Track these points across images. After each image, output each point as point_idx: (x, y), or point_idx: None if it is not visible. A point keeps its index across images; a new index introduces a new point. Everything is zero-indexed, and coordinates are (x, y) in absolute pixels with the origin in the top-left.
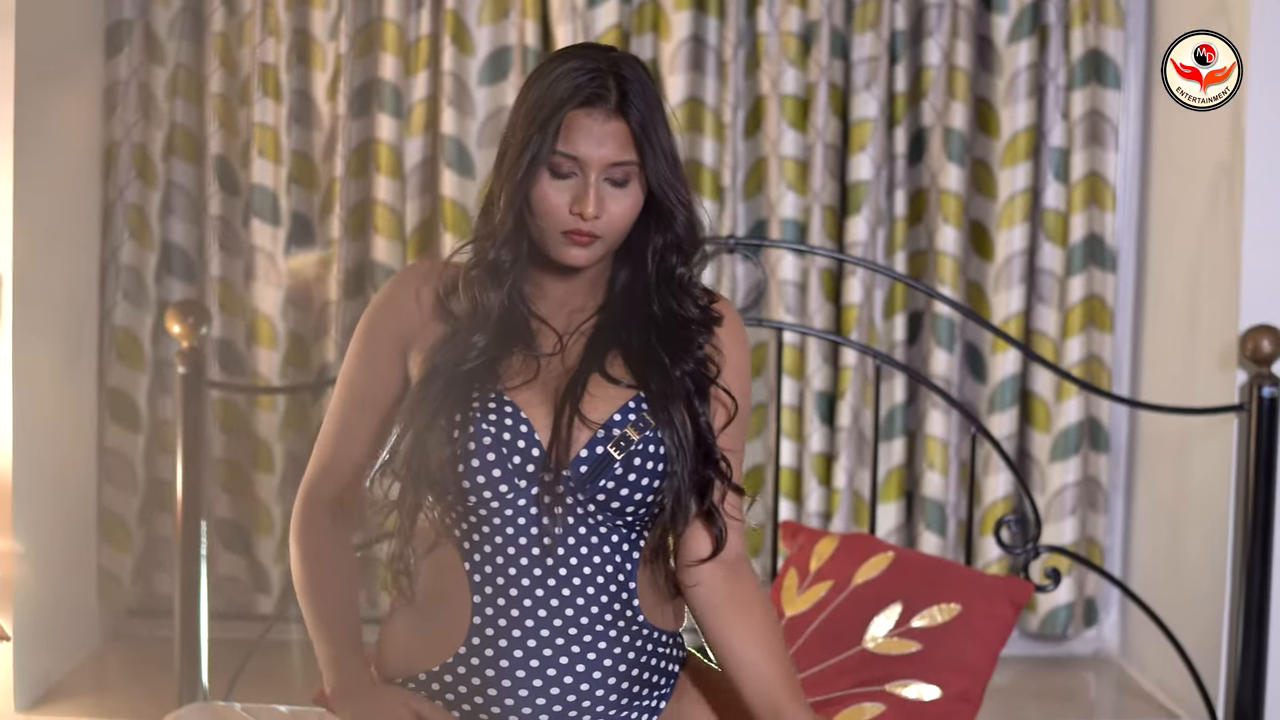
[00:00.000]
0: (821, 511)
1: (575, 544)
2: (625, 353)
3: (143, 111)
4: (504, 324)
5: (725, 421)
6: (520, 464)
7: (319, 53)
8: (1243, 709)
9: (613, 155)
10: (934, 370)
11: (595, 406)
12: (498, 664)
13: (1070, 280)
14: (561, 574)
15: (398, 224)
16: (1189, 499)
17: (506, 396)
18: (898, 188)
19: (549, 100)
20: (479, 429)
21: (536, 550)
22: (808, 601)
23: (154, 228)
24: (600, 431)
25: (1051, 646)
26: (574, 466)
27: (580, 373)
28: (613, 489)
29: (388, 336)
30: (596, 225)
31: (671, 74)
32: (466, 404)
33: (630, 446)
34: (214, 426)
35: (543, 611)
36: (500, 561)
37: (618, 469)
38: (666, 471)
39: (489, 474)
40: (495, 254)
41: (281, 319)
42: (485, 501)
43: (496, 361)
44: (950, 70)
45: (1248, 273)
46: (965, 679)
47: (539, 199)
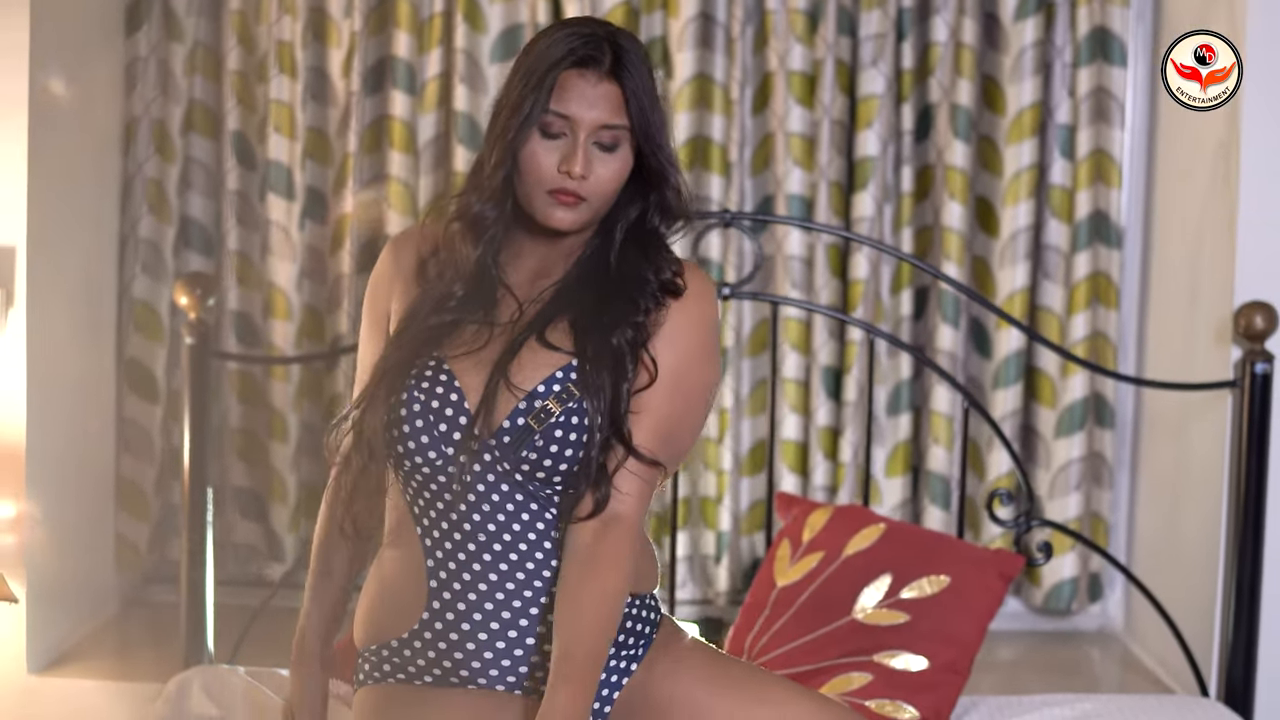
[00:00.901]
0: (827, 485)
1: (514, 509)
2: (573, 318)
3: (162, 88)
4: (472, 289)
5: (645, 384)
6: (447, 431)
7: (334, 30)
8: (1233, 685)
9: (604, 117)
10: (939, 346)
11: (523, 375)
12: (459, 628)
13: (1076, 256)
14: (505, 539)
15: (410, 198)
16: (1188, 475)
17: (446, 365)
18: (904, 164)
19: (544, 61)
20: (411, 395)
21: (476, 516)
22: (799, 572)
23: (172, 202)
24: (523, 402)
25: (1057, 621)
26: (498, 436)
27: (517, 339)
28: (535, 459)
29: (375, 309)
30: (583, 186)
31: (680, 50)
32: (407, 371)
33: (550, 419)
34: (230, 397)
35: (493, 575)
36: (445, 527)
37: (538, 440)
38: (586, 441)
39: (418, 440)
40: (479, 208)
41: (296, 292)
42: (418, 466)
43: (452, 329)
44: (957, 47)
45: (1243, 250)
46: (953, 650)
47: (528, 157)
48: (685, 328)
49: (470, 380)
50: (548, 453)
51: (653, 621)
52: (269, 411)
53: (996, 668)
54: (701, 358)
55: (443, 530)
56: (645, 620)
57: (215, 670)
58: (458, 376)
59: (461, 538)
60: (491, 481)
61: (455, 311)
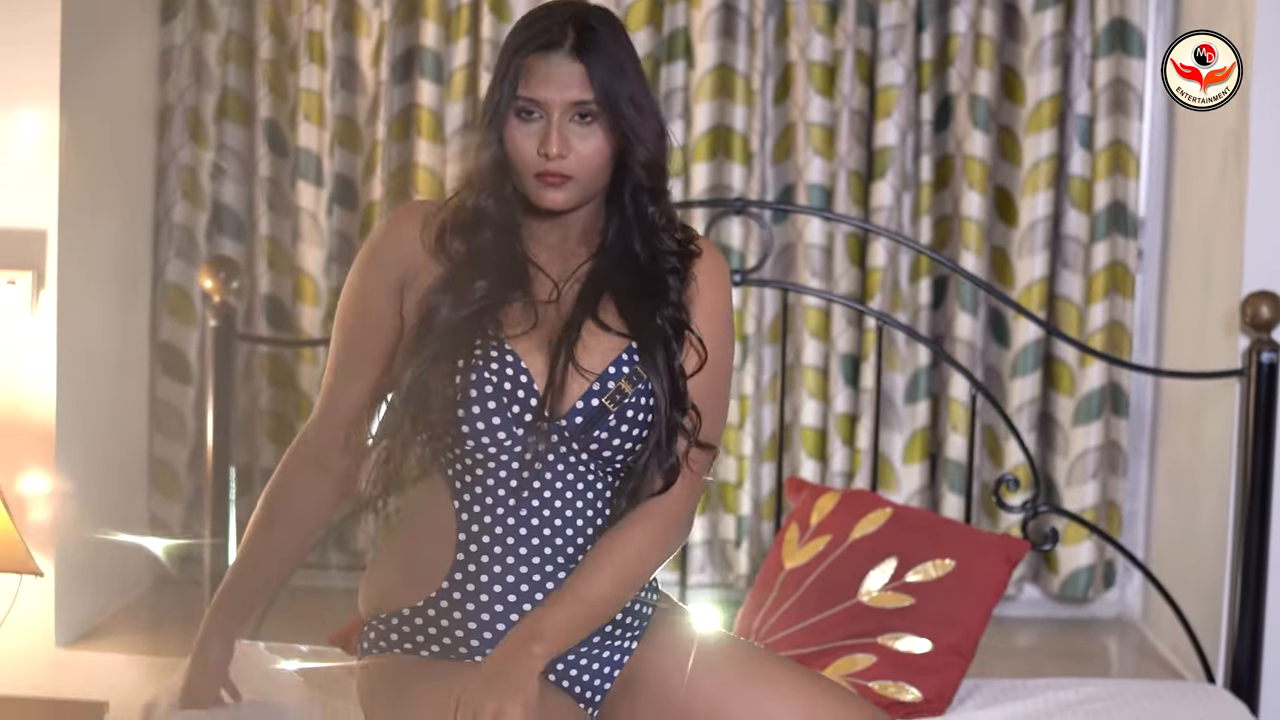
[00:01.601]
0: (845, 471)
1: (562, 488)
2: (617, 299)
3: (195, 76)
4: (503, 269)
5: (696, 367)
6: (519, 413)
7: (363, 20)
8: (1239, 672)
9: (574, 95)
10: (958, 335)
11: (590, 357)
12: (478, 599)
13: (1094, 246)
14: (545, 515)
15: (438, 186)
16: (1200, 464)
17: (508, 345)
18: (923, 154)
19: (509, 49)
20: (480, 376)
21: (525, 493)
22: (806, 555)
23: (205, 188)
24: (596, 384)
25: (1074, 609)
26: (569, 417)
27: (574, 320)
28: (605, 439)
29: (387, 273)
30: (565, 165)
31: (702, 41)
32: (469, 349)
33: (624, 399)
34: (261, 380)
35: (524, 550)
36: (489, 502)
37: (611, 420)
38: (653, 421)
39: (489, 421)
40: (475, 200)
41: (324, 277)
42: (483, 446)
43: (498, 307)
44: (976, 38)
45: (1251, 239)
46: (957, 633)
47: (509, 142)
48: (715, 302)
49: (534, 362)
50: (618, 432)
51: (652, 603)
52: (297, 394)
53: (1014, 654)
54: (730, 334)
55: (485, 505)
56: (646, 602)
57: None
58: (523, 357)
59: (505, 512)
60: (550, 461)
61: (494, 291)
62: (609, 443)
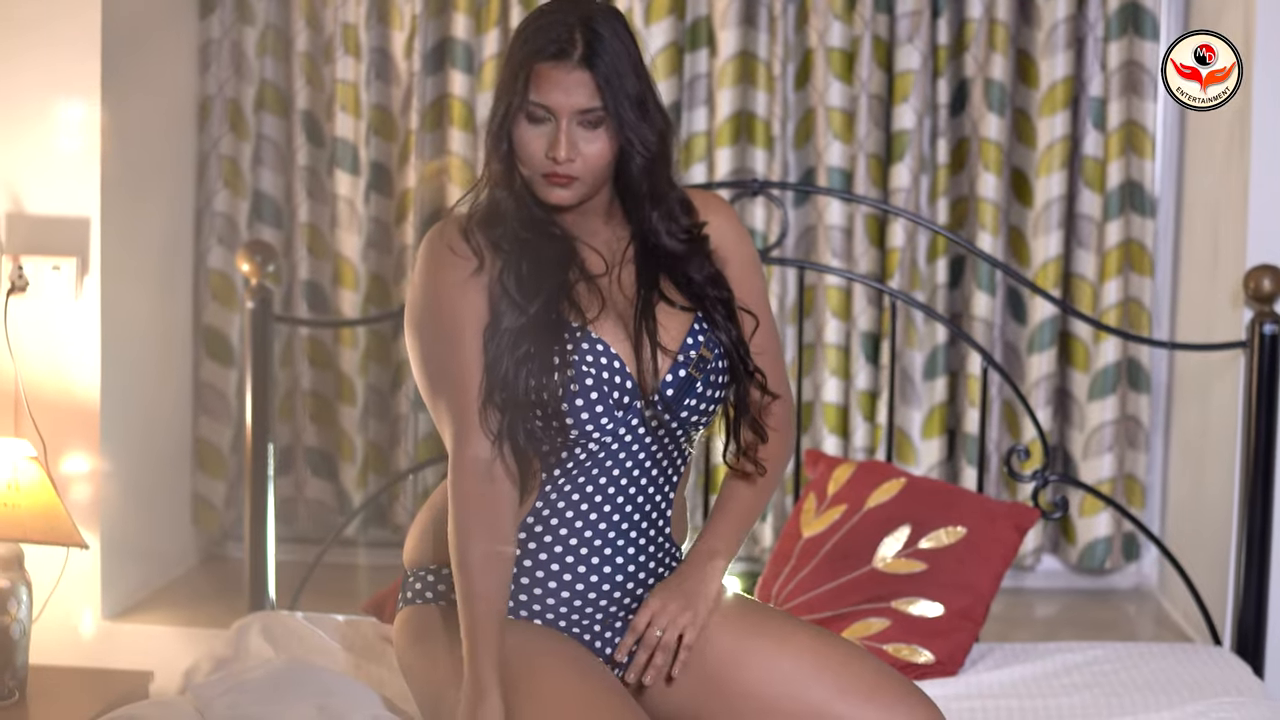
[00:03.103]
0: (866, 446)
1: (644, 459)
2: (670, 275)
3: (234, 68)
4: (557, 252)
5: (753, 327)
6: (618, 398)
7: (396, 13)
8: (1245, 636)
9: (581, 103)
10: (975, 313)
11: (667, 333)
12: (548, 566)
13: (1108, 225)
14: (624, 484)
15: (470, 173)
16: (1210, 435)
17: (594, 333)
18: (940, 137)
19: (520, 53)
20: (579, 370)
21: (610, 463)
22: (824, 523)
23: (246, 177)
24: (680, 355)
25: (1095, 580)
26: (660, 392)
27: (645, 300)
28: (694, 406)
29: (474, 278)
30: (572, 167)
31: (724, 29)
32: (562, 344)
33: (706, 365)
34: (302, 362)
35: (594, 516)
36: (575, 472)
37: (698, 388)
38: (729, 382)
39: (592, 410)
40: (490, 195)
41: (362, 262)
42: (586, 434)
43: (565, 291)
44: (991, 23)
45: (1254, 215)
46: (968, 598)
47: (518, 144)
48: (745, 255)
49: (619, 345)
50: (704, 398)
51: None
52: (337, 375)
53: (1033, 624)
54: (756, 264)
55: (570, 475)
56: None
57: (275, 615)
58: (611, 344)
59: (586, 480)
60: (641, 434)
61: (559, 276)
62: (696, 408)
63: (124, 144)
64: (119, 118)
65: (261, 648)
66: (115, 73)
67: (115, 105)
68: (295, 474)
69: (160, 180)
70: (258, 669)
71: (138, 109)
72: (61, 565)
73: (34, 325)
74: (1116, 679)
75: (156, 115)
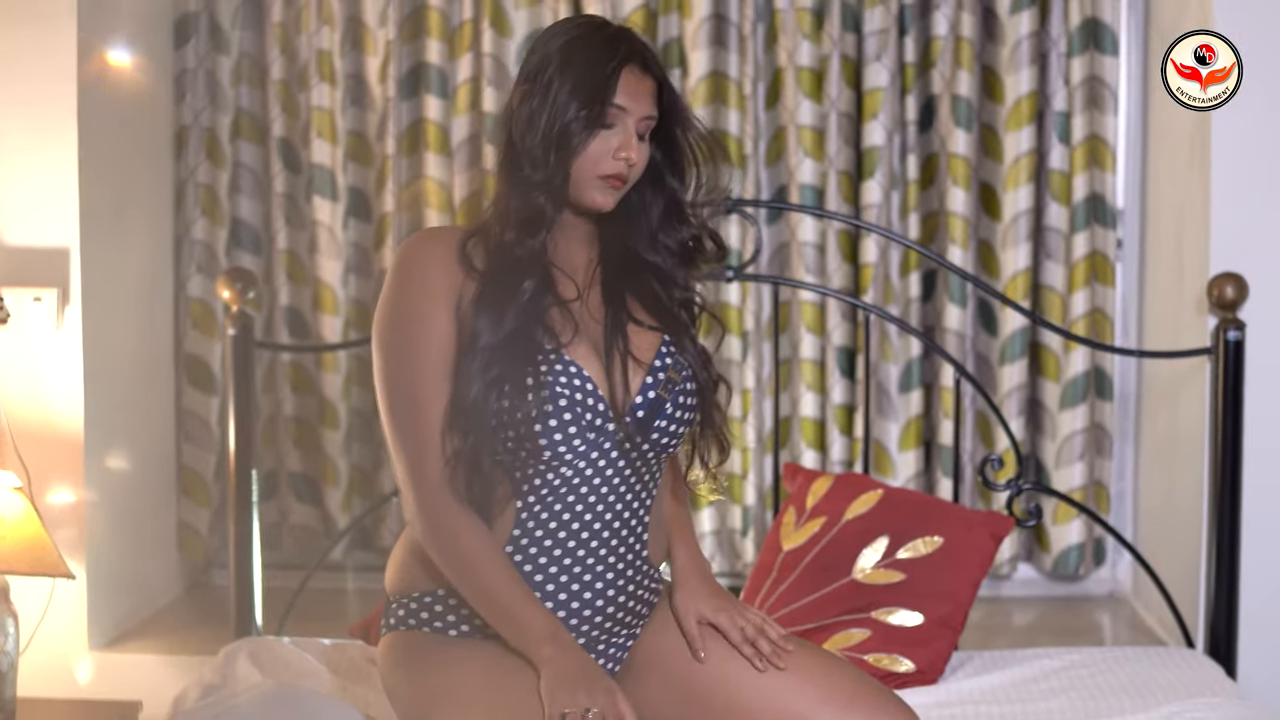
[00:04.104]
0: (844, 460)
1: (618, 483)
2: (638, 295)
3: (210, 97)
4: (535, 276)
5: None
6: (591, 420)
7: (370, 39)
8: (1217, 638)
9: (648, 109)
10: (947, 325)
11: (638, 354)
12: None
13: (1074, 237)
14: (599, 509)
15: (447, 197)
16: (1178, 441)
17: (566, 355)
18: (909, 153)
19: (601, 58)
20: (553, 392)
21: (584, 489)
22: (803, 536)
23: (223, 205)
24: (649, 377)
25: (1069, 586)
26: (631, 413)
27: (614, 323)
28: (663, 427)
29: (443, 295)
30: (631, 171)
31: (695, 49)
32: (535, 366)
33: (674, 387)
34: (284, 388)
35: (572, 544)
36: (550, 499)
37: (668, 409)
38: (698, 401)
39: (565, 432)
40: (538, 202)
41: (342, 287)
42: (559, 455)
43: (540, 314)
44: (957, 40)
45: (1216, 224)
46: (947, 606)
47: (588, 146)
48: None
49: (591, 367)
50: (673, 419)
51: (658, 591)
52: (320, 400)
53: (1010, 632)
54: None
55: (544, 500)
56: (654, 591)
57: (262, 640)
58: (584, 367)
59: (562, 508)
60: (614, 458)
61: (534, 301)
62: (666, 429)
63: (102, 174)
64: (96, 148)
65: (249, 673)
66: (92, 103)
67: (92, 136)
68: (280, 499)
69: (138, 210)
70: (245, 694)
71: (115, 139)
72: (48, 597)
73: (16, 357)
74: (1093, 683)
75: (133, 145)
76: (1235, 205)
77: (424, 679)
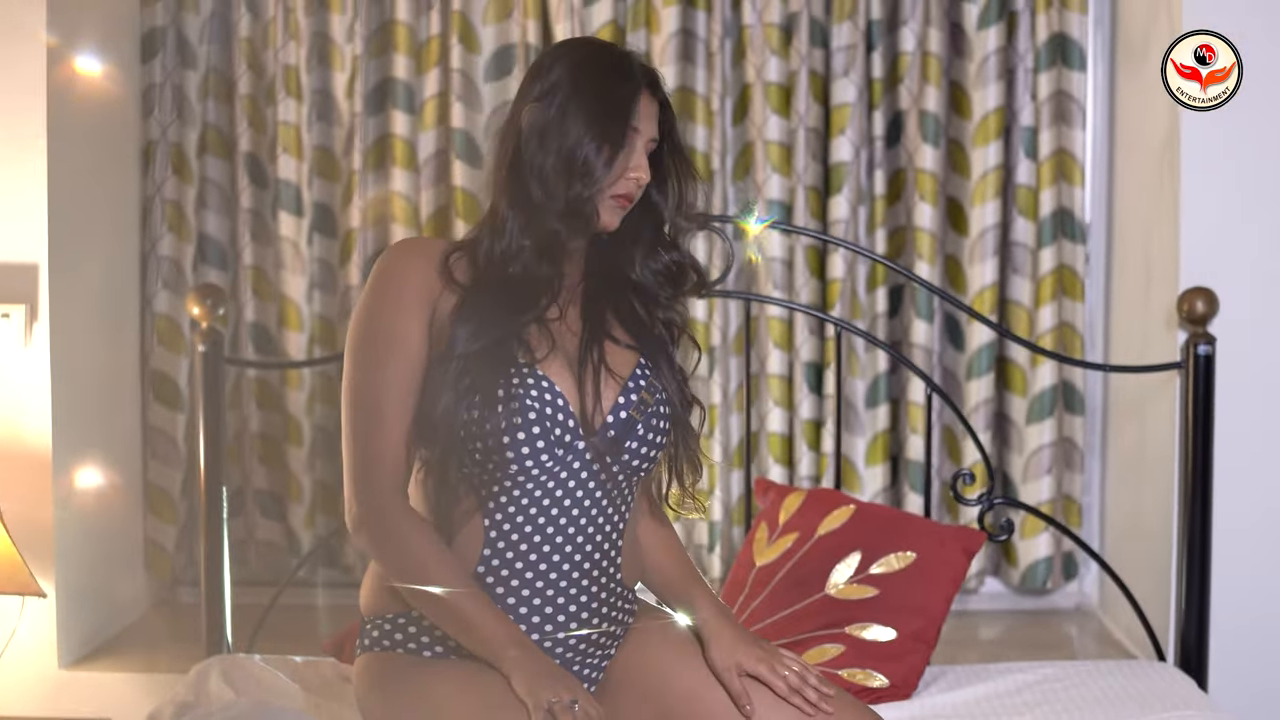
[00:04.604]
0: (811, 475)
1: (589, 505)
2: (618, 315)
3: (177, 112)
4: (520, 292)
5: (696, 363)
6: (559, 436)
7: (337, 54)
8: (1188, 652)
9: (654, 130)
10: (914, 340)
11: (612, 374)
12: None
13: (1041, 252)
14: (570, 533)
15: (413, 212)
16: (1147, 455)
17: (540, 370)
18: (877, 168)
19: (619, 79)
20: (523, 405)
21: (555, 510)
22: (776, 551)
23: (190, 220)
24: (620, 398)
25: (1036, 600)
26: (601, 433)
27: (591, 341)
28: (634, 449)
29: (418, 307)
30: (638, 191)
31: (663, 65)
32: (508, 380)
33: (647, 409)
34: (250, 404)
35: (544, 566)
36: (519, 519)
37: (639, 430)
38: (670, 427)
39: (533, 446)
40: (553, 224)
41: (307, 303)
42: (526, 470)
43: (522, 331)
44: (924, 56)
45: (1186, 239)
46: (920, 621)
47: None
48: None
49: (564, 384)
50: (645, 440)
51: (633, 611)
52: (285, 417)
53: (978, 645)
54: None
55: (515, 521)
56: (628, 611)
57: (233, 658)
58: (556, 382)
59: (533, 530)
60: (583, 479)
61: (515, 316)
62: (638, 451)
63: (70, 190)
64: (65, 164)
65: (222, 691)
66: (61, 118)
67: (61, 151)
68: (245, 516)
69: (106, 225)
70: (220, 712)
71: (83, 154)
72: (17, 615)
73: None
74: (1066, 696)
75: (100, 161)
76: (1205, 220)
77: (400, 700)
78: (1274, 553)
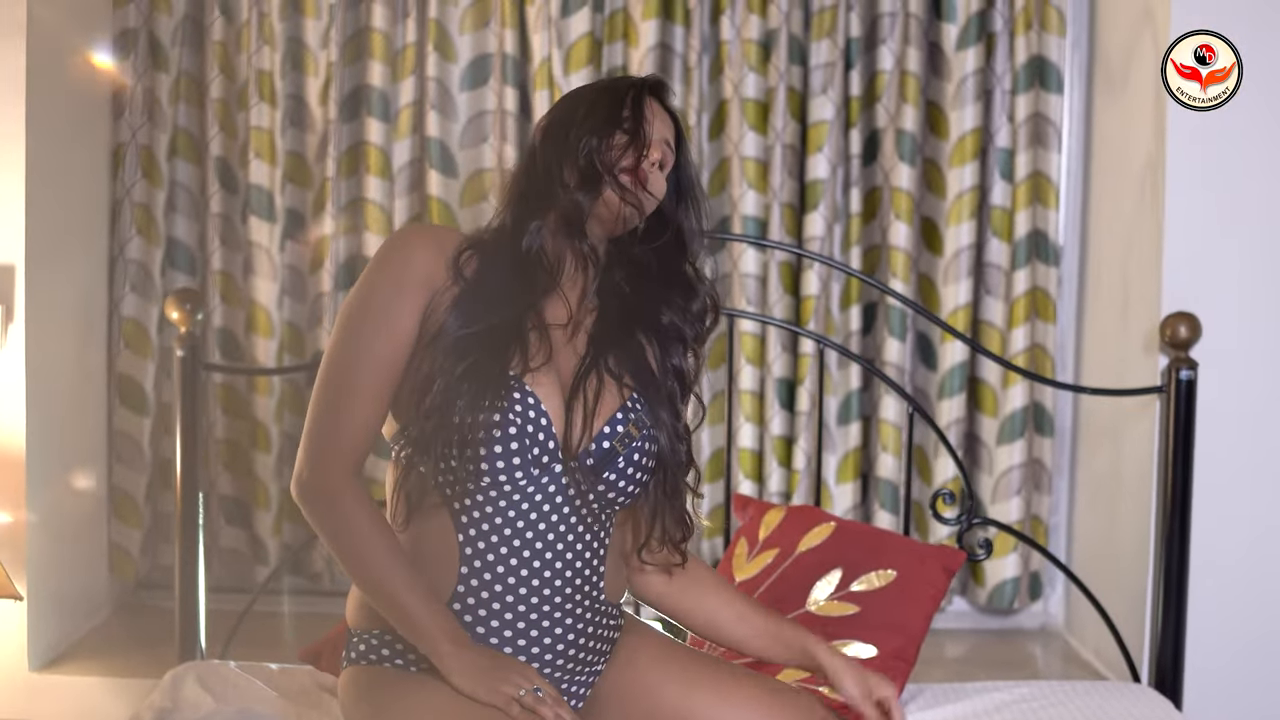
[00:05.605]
0: (782, 491)
1: (565, 530)
2: (624, 350)
3: (148, 115)
4: (527, 294)
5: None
6: (537, 454)
7: (311, 60)
8: (1163, 673)
9: (667, 132)
10: (887, 359)
11: (601, 404)
12: (474, 630)
13: (1015, 273)
14: (547, 557)
15: (386, 221)
16: (1123, 478)
17: (528, 385)
18: (853, 186)
19: (625, 83)
20: (505, 418)
21: (530, 533)
22: (756, 568)
23: (159, 224)
24: (606, 427)
25: (1001, 620)
26: (580, 459)
27: (587, 369)
28: (611, 480)
29: (416, 292)
30: (649, 200)
31: None
32: (495, 389)
33: (630, 444)
34: (216, 410)
35: (523, 590)
36: (495, 540)
37: (619, 463)
38: (655, 468)
39: (509, 460)
40: (570, 200)
41: (277, 309)
42: (498, 484)
43: (516, 334)
44: (902, 75)
45: (1169, 263)
46: (900, 639)
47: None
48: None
49: (551, 403)
50: (624, 475)
51: (619, 626)
52: (252, 423)
53: (944, 664)
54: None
55: (490, 541)
56: (614, 628)
57: (209, 664)
58: (542, 400)
59: (509, 552)
60: (558, 503)
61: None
62: (614, 484)
63: (46, 191)
64: (41, 165)
65: (200, 697)
66: (38, 120)
67: (38, 152)
68: (210, 522)
69: (77, 228)
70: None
71: (58, 155)
72: None
73: None
74: (1045, 716)
75: (72, 162)
76: (1188, 244)
77: (386, 714)
78: (1249, 574)
